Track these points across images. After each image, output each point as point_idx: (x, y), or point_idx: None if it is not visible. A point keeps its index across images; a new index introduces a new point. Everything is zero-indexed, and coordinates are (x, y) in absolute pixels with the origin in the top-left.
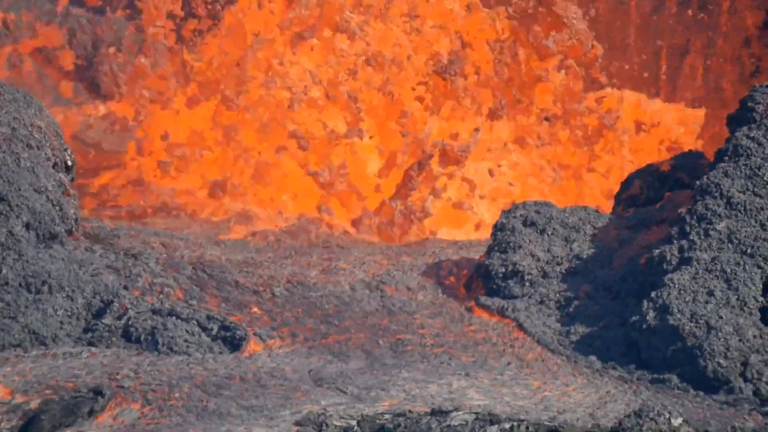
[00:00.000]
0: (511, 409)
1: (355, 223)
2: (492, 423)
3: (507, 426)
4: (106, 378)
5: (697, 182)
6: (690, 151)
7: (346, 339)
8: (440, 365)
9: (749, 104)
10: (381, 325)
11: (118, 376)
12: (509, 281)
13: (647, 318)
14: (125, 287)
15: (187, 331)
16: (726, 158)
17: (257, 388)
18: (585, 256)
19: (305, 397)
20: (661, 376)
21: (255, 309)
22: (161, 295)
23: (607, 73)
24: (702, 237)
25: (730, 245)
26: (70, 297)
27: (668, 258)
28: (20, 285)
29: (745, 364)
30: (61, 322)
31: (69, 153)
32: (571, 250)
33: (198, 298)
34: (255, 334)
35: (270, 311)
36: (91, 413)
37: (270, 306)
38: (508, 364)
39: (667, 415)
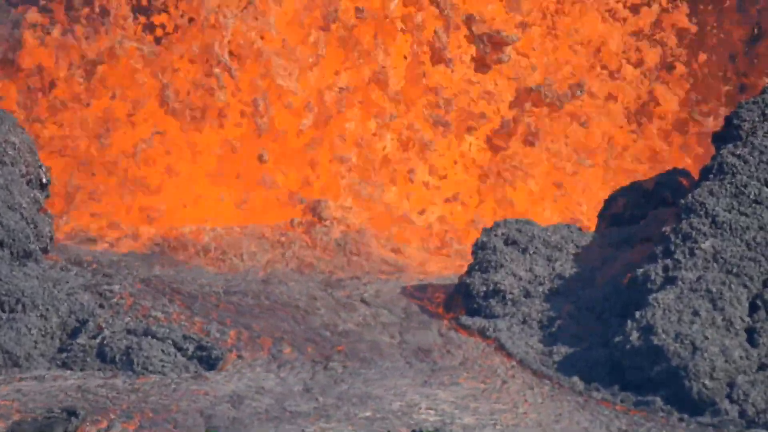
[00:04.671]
0: (493, 430)
1: None
2: None
3: None
4: (79, 398)
5: (682, 200)
6: (675, 168)
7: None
8: (420, 385)
9: (735, 121)
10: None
11: (91, 397)
12: (490, 300)
13: (631, 338)
14: (101, 306)
15: (162, 351)
16: (711, 176)
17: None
18: (568, 276)
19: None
20: (646, 398)
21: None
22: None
23: None
24: (687, 256)
25: (715, 264)
26: (45, 316)
27: (652, 277)
28: None
29: (731, 385)
30: (35, 342)
31: (44, 170)
32: (553, 269)
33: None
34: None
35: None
36: None
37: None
38: (490, 384)
39: None
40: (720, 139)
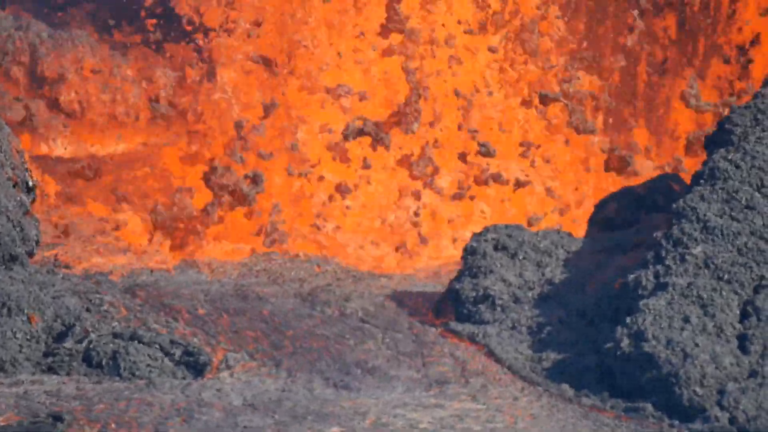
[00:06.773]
0: None
1: None
2: None
3: None
4: (65, 403)
5: (673, 206)
6: (666, 173)
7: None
8: (392, 406)
9: (727, 126)
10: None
11: (77, 402)
12: (480, 306)
13: (621, 345)
14: (87, 310)
15: (149, 356)
16: (703, 181)
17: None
18: (558, 281)
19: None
20: (636, 405)
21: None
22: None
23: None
24: (678, 262)
25: (706, 271)
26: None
27: (643, 283)
28: None
29: (721, 392)
30: (21, 346)
31: (30, 173)
32: (543, 274)
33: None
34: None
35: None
36: None
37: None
38: (478, 391)
39: None
40: (712, 143)
